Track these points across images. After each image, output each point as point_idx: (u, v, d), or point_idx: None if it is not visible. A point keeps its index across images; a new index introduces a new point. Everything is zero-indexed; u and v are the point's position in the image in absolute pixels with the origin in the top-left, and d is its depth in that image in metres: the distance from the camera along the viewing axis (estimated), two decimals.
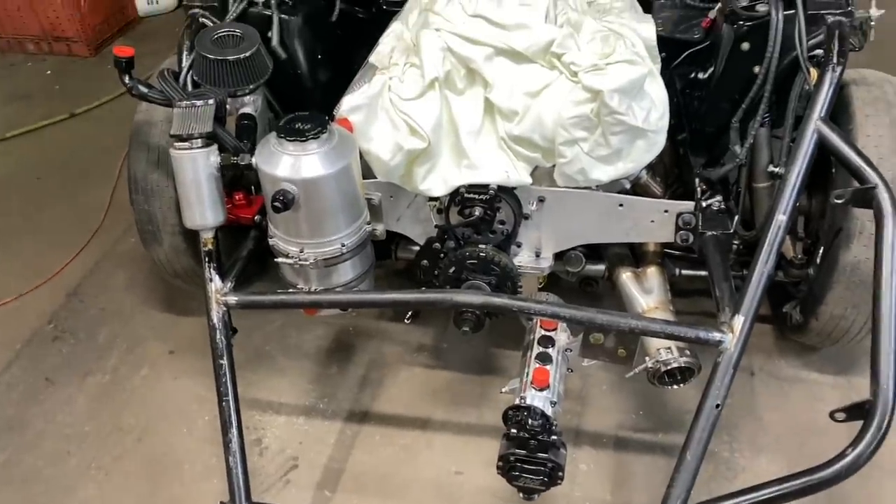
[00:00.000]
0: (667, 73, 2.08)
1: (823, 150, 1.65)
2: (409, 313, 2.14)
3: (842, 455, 1.47)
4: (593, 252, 2.11)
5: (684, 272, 2.12)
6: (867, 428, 1.46)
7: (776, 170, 1.75)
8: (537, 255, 2.02)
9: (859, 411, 1.50)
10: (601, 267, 2.12)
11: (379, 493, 1.96)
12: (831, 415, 1.57)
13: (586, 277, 2.16)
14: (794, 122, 1.75)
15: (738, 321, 1.59)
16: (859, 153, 1.61)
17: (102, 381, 2.31)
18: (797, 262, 2.08)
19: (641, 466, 1.98)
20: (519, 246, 2.00)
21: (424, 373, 2.29)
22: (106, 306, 2.58)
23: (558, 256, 2.10)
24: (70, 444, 2.12)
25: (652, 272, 2.01)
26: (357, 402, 2.21)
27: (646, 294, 1.97)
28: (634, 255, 2.08)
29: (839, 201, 1.62)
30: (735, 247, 1.97)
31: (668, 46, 2.06)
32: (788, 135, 1.75)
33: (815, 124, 1.64)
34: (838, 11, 1.72)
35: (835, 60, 1.66)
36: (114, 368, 2.35)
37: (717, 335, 1.60)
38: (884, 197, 1.56)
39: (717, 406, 1.57)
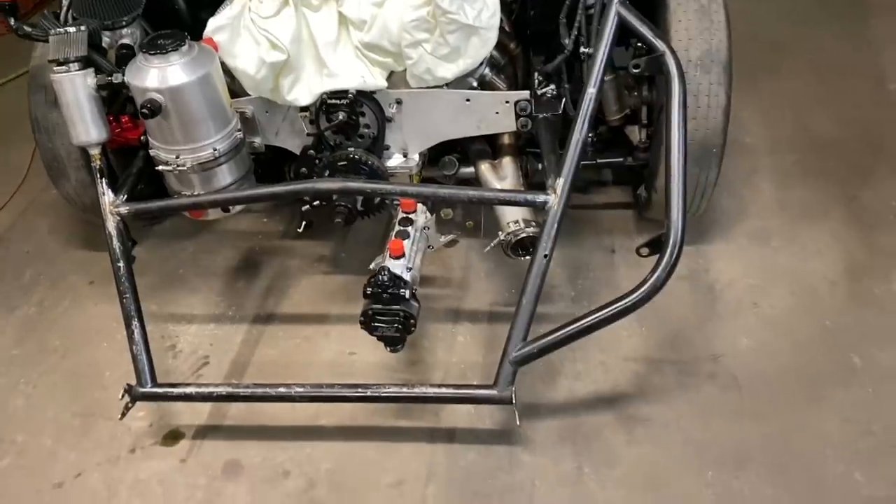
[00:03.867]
0: None
1: (623, 28, 1.89)
2: (302, 223, 2.35)
3: (644, 282, 1.74)
4: (466, 157, 2.35)
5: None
6: (662, 256, 1.73)
7: (587, 50, 1.99)
8: (405, 156, 2.24)
9: (658, 244, 1.76)
10: (473, 169, 2.35)
11: (281, 377, 2.17)
12: (637, 250, 1.84)
13: (463, 180, 2.39)
14: (601, 8, 1.98)
15: (559, 183, 1.84)
16: (650, 28, 1.86)
17: (28, 312, 2.51)
18: (642, 145, 2.34)
19: None
20: (388, 149, 2.22)
21: (324, 278, 2.52)
22: (30, 249, 2.77)
23: (434, 162, 2.34)
24: None
25: (507, 161, 2.25)
26: (262, 307, 2.43)
27: (501, 181, 2.21)
28: (494, 151, 2.32)
29: (636, 70, 1.87)
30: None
31: None
32: (596, 20, 1.99)
33: (615, 6, 1.88)
34: None
35: None
36: (39, 301, 2.55)
37: (542, 197, 1.84)
38: (670, 62, 1.81)
39: (545, 256, 1.83)
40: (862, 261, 2.36)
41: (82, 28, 1.87)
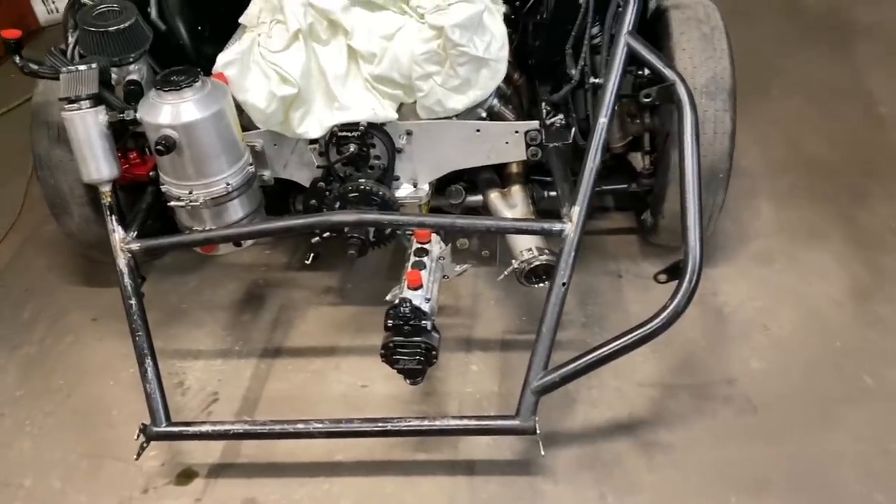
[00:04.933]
0: (519, 18, 2.36)
1: (633, 58, 1.92)
2: (310, 254, 2.35)
3: (663, 309, 1.74)
4: (473, 186, 2.36)
5: (551, 194, 2.38)
6: (681, 283, 1.74)
7: (596, 81, 2.02)
8: (415, 186, 2.25)
9: (676, 271, 1.78)
10: (480, 197, 2.36)
11: (293, 412, 2.17)
12: (655, 277, 1.85)
13: (470, 209, 2.40)
14: (609, 39, 2.01)
15: (575, 211, 1.86)
16: (659, 58, 1.89)
17: (30, 351, 2.46)
18: (646, 172, 2.37)
19: (525, 360, 2.21)
20: (397, 179, 2.23)
21: (331, 310, 2.50)
22: (29, 287, 2.72)
23: (441, 191, 2.35)
24: (3, 407, 2.27)
25: (516, 190, 2.26)
26: (270, 341, 2.41)
27: (511, 209, 2.23)
28: (502, 180, 2.33)
29: (647, 100, 1.89)
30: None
31: None
32: (605, 50, 2.02)
33: (625, 38, 1.91)
34: None
35: None
36: (40, 340, 2.50)
37: (558, 225, 1.86)
38: (681, 91, 1.84)
39: (564, 284, 1.83)
40: (865, 281, 2.40)
41: (93, 66, 1.86)
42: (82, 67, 1.85)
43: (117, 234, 1.97)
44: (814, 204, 2.72)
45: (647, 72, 2.06)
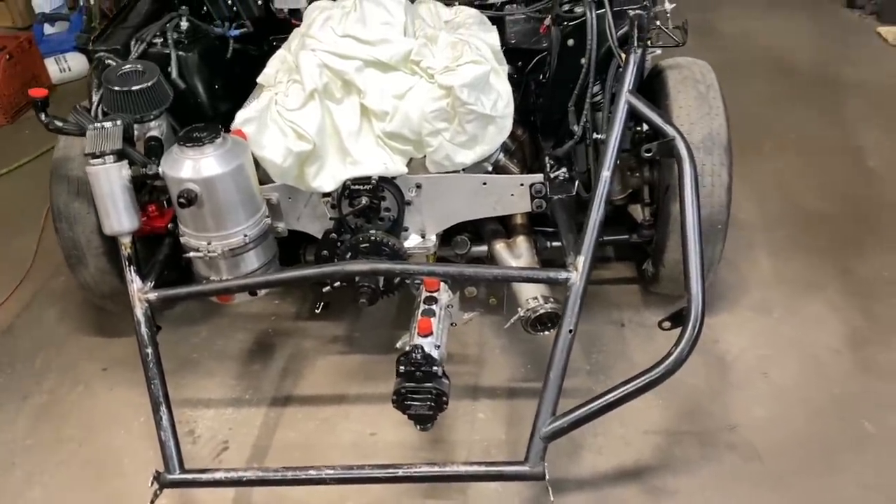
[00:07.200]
0: (522, 77, 2.47)
1: (633, 115, 2.01)
2: (319, 303, 2.40)
3: (668, 355, 1.80)
4: (477, 237, 2.44)
5: (554, 244, 2.45)
6: (685, 330, 1.80)
7: (599, 136, 2.11)
8: (423, 237, 2.32)
9: (679, 318, 1.84)
10: (485, 248, 2.43)
11: (303, 460, 2.19)
12: (659, 324, 1.91)
13: (474, 259, 2.47)
14: (611, 97, 2.11)
15: (580, 260, 1.92)
16: (659, 114, 1.99)
17: (41, 401, 2.49)
18: (646, 223, 2.45)
19: (531, 408, 2.25)
20: (406, 230, 2.30)
21: (340, 358, 2.55)
22: (40, 337, 2.76)
23: (447, 242, 2.42)
24: (14, 456, 2.29)
25: (521, 240, 2.33)
26: (279, 389, 2.45)
27: (516, 259, 2.29)
28: (507, 230, 2.41)
29: (648, 155, 1.99)
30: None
31: (522, 55, 2.44)
32: (607, 108, 2.12)
33: (626, 96, 2.01)
34: (637, 7, 2.11)
35: (635, 44, 2.04)
36: (51, 389, 2.53)
37: (564, 274, 1.92)
38: (680, 146, 1.93)
39: (570, 331, 1.88)
40: (862, 330, 2.45)
41: (118, 123, 1.94)
42: (107, 124, 1.94)
43: (135, 284, 2.03)
44: (810, 255, 2.80)
45: (646, 127, 2.16)
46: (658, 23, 2.11)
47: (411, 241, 2.31)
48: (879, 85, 3.87)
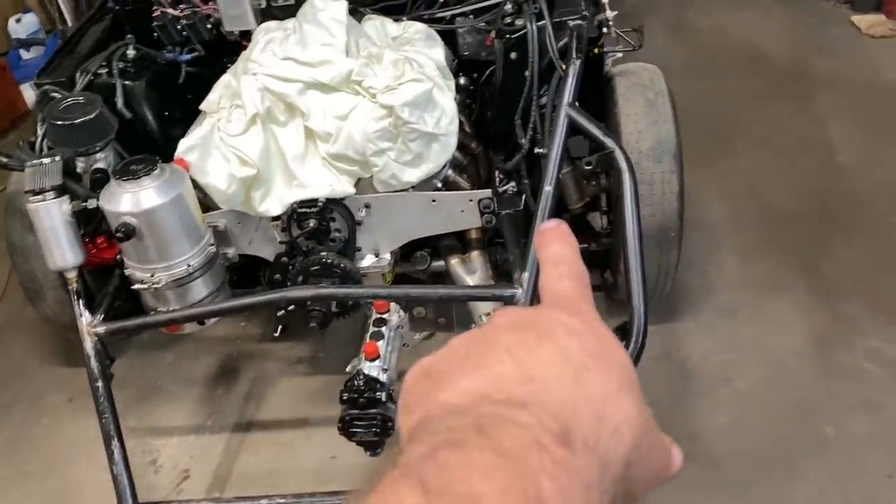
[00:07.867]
0: (477, 89, 2.45)
1: (574, 127, 2.00)
2: (278, 327, 2.39)
3: None
4: (437, 252, 2.42)
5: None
6: (628, 343, 1.78)
7: (541, 151, 2.09)
8: (377, 256, 2.31)
9: (623, 332, 1.82)
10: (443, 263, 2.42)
11: (264, 486, 2.18)
12: None
13: (435, 274, 2.45)
14: (552, 110, 2.09)
15: (525, 277, 1.90)
16: (598, 127, 1.97)
17: (6, 436, 2.49)
18: (604, 231, 2.43)
19: None
20: (359, 250, 2.29)
21: (303, 380, 2.54)
22: (8, 370, 2.76)
23: (407, 258, 2.41)
24: None
25: (475, 255, 2.31)
26: (242, 414, 2.44)
27: (471, 274, 2.28)
28: (463, 245, 2.39)
29: (588, 167, 1.97)
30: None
31: (476, 67, 2.42)
32: (548, 121, 2.10)
33: (565, 109, 1.99)
34: (576, 17, 2.09)
35: (574, 55, 2.03)
36: (18, 422, 2.54)
37: (510, 291, 1.90)
38: (620, 158, 1.91)
39: None
40: (826, 330, 2.43)
41: (56, 158, 1.94)
42: (46, 161, 1.93)
43: (84, 318, 2.02)
44: (778, 255, 2.77)
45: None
46: (612, 25, 2.09)
47: (366, 261, 2.29)
48: (851, 77, 3.83)
